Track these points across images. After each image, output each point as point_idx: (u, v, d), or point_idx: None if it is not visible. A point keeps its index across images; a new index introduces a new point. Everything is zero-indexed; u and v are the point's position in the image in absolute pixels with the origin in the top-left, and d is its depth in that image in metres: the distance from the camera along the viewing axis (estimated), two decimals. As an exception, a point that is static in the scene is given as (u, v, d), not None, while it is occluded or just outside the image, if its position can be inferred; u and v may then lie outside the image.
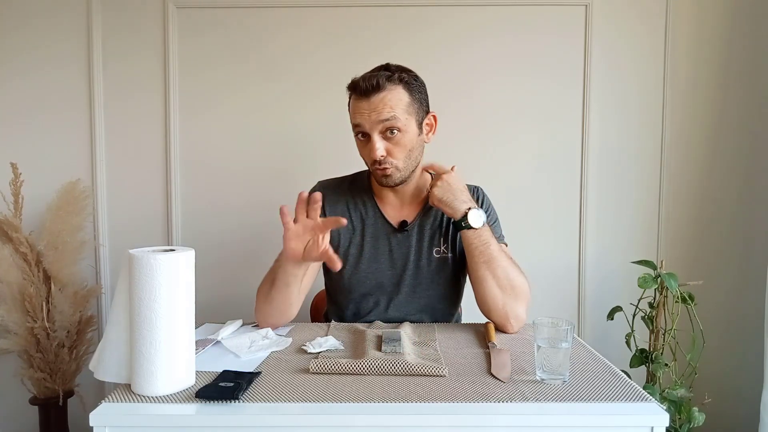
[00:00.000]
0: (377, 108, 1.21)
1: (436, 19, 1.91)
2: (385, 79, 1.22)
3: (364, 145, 1.28)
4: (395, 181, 1.28)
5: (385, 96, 1.21)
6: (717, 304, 1.91)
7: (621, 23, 1.91)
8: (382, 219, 1.36)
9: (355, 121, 1.25)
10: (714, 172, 1.94)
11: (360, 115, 1.23)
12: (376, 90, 1.21)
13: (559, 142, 1.94)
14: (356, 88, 1.24)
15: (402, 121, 1.23)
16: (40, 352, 1.76)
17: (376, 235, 1.35)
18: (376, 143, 1.23)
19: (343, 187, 1.41)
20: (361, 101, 1.23)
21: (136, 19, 1.92)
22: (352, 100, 1.27)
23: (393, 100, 1.22)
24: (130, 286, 0.85)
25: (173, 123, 1.93)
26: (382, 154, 1.23)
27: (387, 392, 0.85)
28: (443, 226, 1.36)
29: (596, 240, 1.96)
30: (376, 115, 1.21)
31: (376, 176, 1.30)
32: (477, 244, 1.23)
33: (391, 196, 1.37)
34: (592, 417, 0.80)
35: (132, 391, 0.86)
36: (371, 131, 1.23)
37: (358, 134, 1.28)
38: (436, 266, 1.34)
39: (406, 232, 1.35)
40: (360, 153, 1.32)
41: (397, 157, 1.25)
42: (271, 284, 1.22)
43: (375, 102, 1.21)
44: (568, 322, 0.91)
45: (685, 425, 1.64)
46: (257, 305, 1.26)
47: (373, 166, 1.27)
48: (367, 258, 1.34)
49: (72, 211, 1.79)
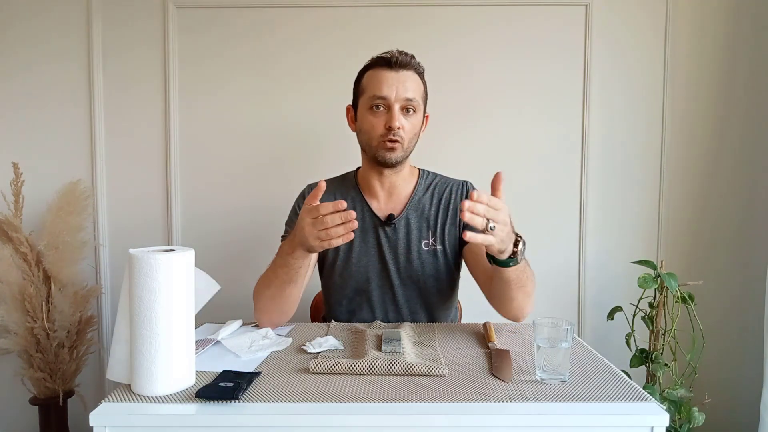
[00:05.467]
0: (405, 83, 1.28)
1: (435, 18, 1.91)
2: (413, 61, 1.32)
3: (378, 116, 1.31)
4: (396, 158, 1.31)
5: (411, 75, 1.30)
6: (717, 304, 1.91)
7: (621, 23, 1.91)
8: (370, 213, 1.38)
9: (381, 92, 1.29)
10: (714, 172, 1.94)
11: (388, 87, 1.28)
12: (406, 67, 1.30)
13: (559, 141, 1.94)
14: (387, 61, 1.30)
15: (418, 104, 1.32)
16: (40, 352, 1.76)
17: (364, 229, 1.37)
18: (396, 113, 1.28)
19: (331, 186, 1.43)
20: (388, 72, 1.29)
21: (135, 18, 1.92)
22: (374, 72, 1.32)
23: (416, 83, 1.32)
24: (129, 286, 0.85)
25: (173, 123, 1.93)
26: (400, 125, 1.28)
27: (387, 392, 0.85)
28: (430, 218, 1.38)
29: (596, 240, 1.96)
30: (404, 90, 1.28)
31: (381, 149, 1.30)
32: (514, 278, 1.12)
33: (378, 189, 1.39)
34: (592, 417, 0.80)
35: (132, 391, 0.86)
36: (395, 103, 1.28)
37: (374, 105, 1.30)
38: (426, 259, 1.36)
39: (394, 225, 1.37)
40: (369, 124, 1.31)
41: (408, 134, 1.31)
42: (272, 284, 1.22)
43: (403, 77, 1.29)
44: (568, 322, 0.91)
45: (685, 425, 1.64)
46: (258, 306, 1.24)
47: (383, 138, 1.29)
48: (357, 252, 1.36)
49: (72, 211, 1.79)
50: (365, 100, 1.32)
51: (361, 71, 1.37)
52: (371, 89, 1.30)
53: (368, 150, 1.34)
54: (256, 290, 1.26)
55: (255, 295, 1.26)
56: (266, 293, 1.22)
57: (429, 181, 1.44)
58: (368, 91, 1.31)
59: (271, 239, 1.95)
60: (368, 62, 1.35)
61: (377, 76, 1.30)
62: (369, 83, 1.32)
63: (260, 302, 1.24)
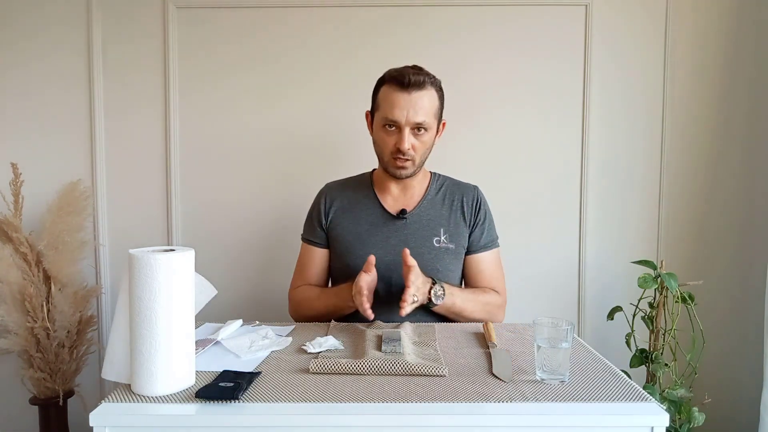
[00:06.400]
0: (416, 106, 1.30)
1: (436, 17, 1.90)
2: (427, 79, 1.32)
3: (389, 135, 1.35)
4: (408, 174, 1.37)
5: (423, 95, 1.31)
6: (717, 304, 1.91)
7: (621, 23, 1.91)
8: (381, 208, 1.43)
9: (392, 116, 1.31)
10: (714, 172, 1.94)
11: (399, 110, 1.30)
12: (419, 87, 1.30)
13: (559, 141, 1.94)
14: (400, 81, 1.31)
15: (430, 123, 1.34)
16: (40, 352, 1.75)
17: (375, 223, 1.42)
18: (406, 136, 1.32)
19: (347, 184, 1.51)
20: (400, 93, 1.31)
21: (135, 19, 1.91)
22: (389, 89, 1.33)
23: (429, 102, 1.33)
24: (129, 286, 0.85)
25: (173, 123, 1.93)
26: (409, 147, 1.32)
27: (387, 392, 0.85)
28: (442, 217, 1.42)
29: (596, 240, 1.96)
30: (414, 114, 1.30)
31: (392, 167, 1.36)
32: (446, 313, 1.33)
33: (393, 187, 1.44)
34: (592, 417, 0.80)
35: (132, 391, 0.86)
36: (405, 126, 1.31)
37: (386, 125, 1.34)
38: (436, 255, 1.38)
39: (405, 219, 1.40)
40: (381, 140, 1.38)
41: (418, 152, 1.35)
42: (327, 306, 1.37)
43: (414, 99, 1.30)
44: (568, 322, 0.91)
45: (685, 425, 1.64)
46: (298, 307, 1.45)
47: (393, 156, 1.34)
48: (367, 246, 1.39)
49: (72, 211, 1.79)
50: (379, 118, 1.37)
51: (378, 82, 1.39)
52: (384, 109, 1.34)
53: (381, 162, 1.41)
54: (306, 299, 1.43)
55: (302, 301, 1.44)
56: (308, 314, 1.40)
57: (440, 184, 1.48)
58: (381, 110, 1.35)
59: (271, 238, 1.96)
60: (385, 75, 1.37)
61: (390, 97, 1.32)
62: (383, 102, 1.35)
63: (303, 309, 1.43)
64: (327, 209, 1.47)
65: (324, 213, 1.47)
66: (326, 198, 1.48)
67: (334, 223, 1.45)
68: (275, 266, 1.93)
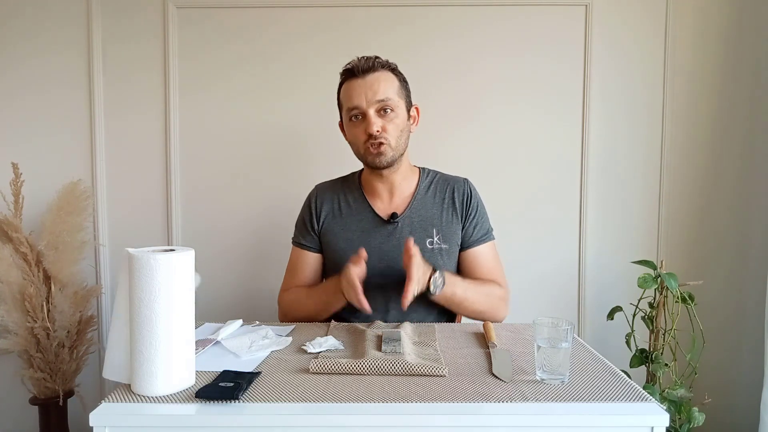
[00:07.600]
0: (373, 87, 1.30)
1: (436, 17, 1.91)
2: (378, 62, 1.33)
3: (357, 125, 1.34)
4: (388, 159, 1.33)
5: (378, 76, 1.31)
6: (717, 304, 1.91)
7: (621, 23, 1.91)
8: (372, 213, 1.41)
9: (352, 103, 1.32)
10: (714, 172, 1.94)
11: (357, 96, 1.31)
12: (372, 70, 1.31)
13: (559, 141, 1.94)
14: (351, 70, 1.33)
15: (395, 102, 1.33)
16: (40, 352, 1.76)
17: (366, 230, 1.40)
18: (372, 118, 1.30)
19: (336, 186, 1.49)
20: (356, 81, 1.32)
21: (135, 19, 1.91)
22: (345, 84, 1.35)
23: (386, 81, 1.32)
24: (129, 286, 0.85)
25: (173, 124, 1.93)
26: (378, 129, 1.30)
27: (387, 392, 0.85)
28: (434, 217, 1.40)
29: (596, 240, 1.96)
30: (372, 94, 1.30)
31: (369, 156, 1.34)
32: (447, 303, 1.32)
33: (380, 189, 1.41)
34: (592, 417, 0.80)
35: (132, 391, 0.86)
36: (367, 108, 1.30)
37: (351, 116, 1.34)
38: (430, 258, 1.35)
39: (397, 224, 1.38)
40: (352, 136, 1.37)
41: (391, 134, 1.32)
42: (317, 303, 1.36)
43: (370, 81, 1.31)
44: (568, 322, 0.91)
45: (685, 425, 1.64)
46: (288, 309, 1.42)
47: (367, 144, 1.32)
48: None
49: (72, 211, 1.79)
50: (345, 114, 1.38)
51: (338, 88, 1.41)
52: (345, 102, 1.36)
53: (360, 158, 1.40)
54: (295, 301, 1.41)
55: (291, 303, 1.42)
56: (298, 315, 1.38)
57: (430, 180, 1.45)
58: (344, 105, 1.36)
59: (271, 238, 1.96)
60: (340, 79, 1.39)
61: (347, 88, 1.35)
62: (343, 97, 1.37)
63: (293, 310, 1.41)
64: (318, 212, 1.45)
65: (315, 216, 1.45)
66: (316, 200, 1.46)
67: (326, 228, 1.43)
68: (275, 266, 1.92)
